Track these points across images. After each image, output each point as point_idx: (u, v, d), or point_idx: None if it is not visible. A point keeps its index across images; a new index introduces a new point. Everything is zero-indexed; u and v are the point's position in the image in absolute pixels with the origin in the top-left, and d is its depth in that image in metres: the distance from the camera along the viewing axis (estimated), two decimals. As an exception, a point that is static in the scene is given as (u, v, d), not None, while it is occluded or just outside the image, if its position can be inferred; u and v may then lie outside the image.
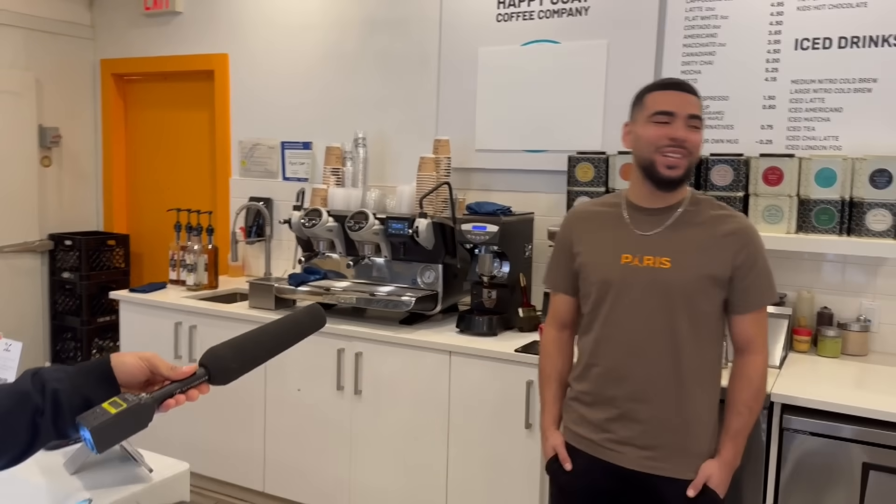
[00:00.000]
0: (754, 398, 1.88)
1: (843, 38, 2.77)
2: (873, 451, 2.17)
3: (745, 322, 1.88)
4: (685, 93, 1.85)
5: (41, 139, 4.48)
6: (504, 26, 3.40)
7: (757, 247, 1.87)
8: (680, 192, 1.91)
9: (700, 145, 1.86)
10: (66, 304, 4.54)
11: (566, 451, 1.98)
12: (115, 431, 0.93)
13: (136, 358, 1.02)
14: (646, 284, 1.84)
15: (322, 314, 1.24)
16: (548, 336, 2.11)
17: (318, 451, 3.19)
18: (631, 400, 1.86)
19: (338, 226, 3.24)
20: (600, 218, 1.98)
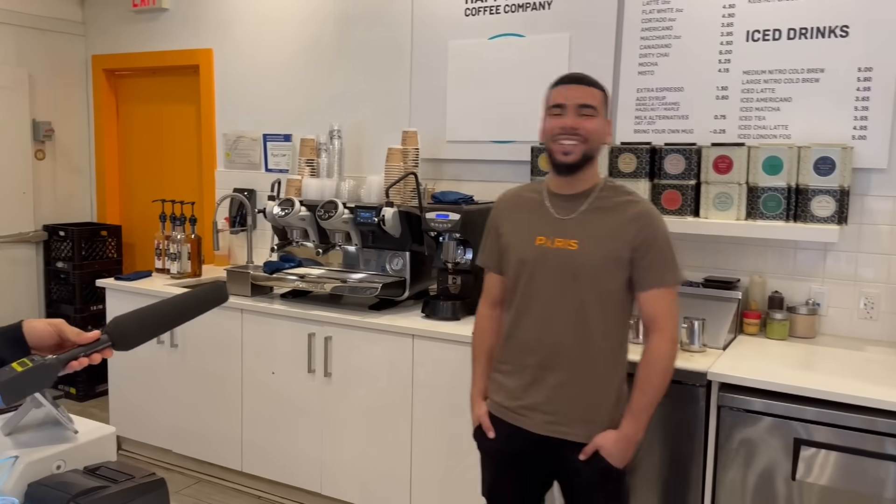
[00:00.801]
0: (656, 377, 1.97)
1: (791, 30, 2.84)
2: (804, 427, 2.27)
3: (647, 300, 1.98)
4: (577, 85, 1.99)
5: (35, 133, 4.63)
6: (472, 20, 3.50)
7: (656, 229, 1.97)
8: (590, 179, 2.03)
9: (596, 131, 1.97)
10: (61, 292, 4.70)
11: (489, 421, 2.11)
12: (20, 386, 1.06)
13: (45, 324, 1.15)
14: (556, 264, 1.98)
15: (224, 291, 1.35)
16: (481, 313, 2.24)
17: (292, 430, 3.32)
18: (540, 368, 2.00)
19: (310, 215, 3.36)
20: (525, 202, 2.12)
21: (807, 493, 2.28)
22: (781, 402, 2.30)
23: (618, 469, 1.99)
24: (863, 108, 2.74)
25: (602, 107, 2.01)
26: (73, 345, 1.16)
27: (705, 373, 2.40)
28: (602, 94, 2.01)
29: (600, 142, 2.01)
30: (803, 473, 2.28)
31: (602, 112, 2.00)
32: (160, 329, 1.24)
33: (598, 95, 1.99)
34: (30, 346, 1.15)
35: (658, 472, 2.51)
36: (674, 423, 2.47)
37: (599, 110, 1.99)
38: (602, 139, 2.01)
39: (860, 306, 2.84)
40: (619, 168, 2.97)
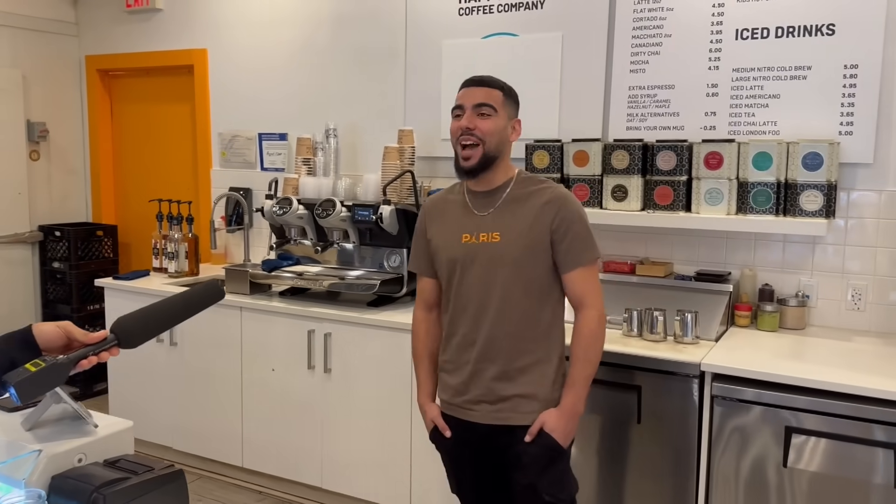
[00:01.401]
0: (587, 348, 2.06)
1: (779, 28, 2.91)
2: (795, 415, 2.34)
3: (571, 280, 2.06)
4: (475, 87, 2.06)
5: (29, 134, 4.65)
6: (466, 20, 3.54)
7: (570, 211, 2.06)
8: (503, 173, 2.10)
9: (493, 131, 2.03)
10: (57, 292, 4.72)
11: (443, 420, 2.18)
12: (35, 386, 1.13)
13: (53, 326, 1.21)
14: (482, 258, 2.06)
15: (220, 289, 1.44)
16: (416, 317, 2.30)
17: (292, 426, 3.36)
18: (479, 361, 2.08)
19: (308, 213, 3.40)
20: (448, 205, 2.19)
21: (797, 479, 2.35)
22: (773, 391, 2.37)
23: (561, 449, 2.06)
24: (849, 104, 2.81)
25: (503, 107, 2.06)
26: (81, 345, 1.22)
27: (699, 364, 2.46)
28: (502, 94, 2.07)
29: (500, 141, 2.06)
30: (794, 460, 2.34)
31: (503, 112, 2.06)
32: (162, 327, 1.32)
33: (496, 95, 2.05)
34: (40, 347, 1.20)
35: (654, 460, 2.58)
36: (668, 413, 2.54)
37: (500, 110, 2.05)
38: (502, 138, 2.06)
39: (848, 298, 2.91)
40: (613, 165, 3.02)
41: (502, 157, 2.09)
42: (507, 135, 2.09)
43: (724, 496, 2.47)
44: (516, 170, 2.16)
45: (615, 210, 3.03)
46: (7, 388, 1.11)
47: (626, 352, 2.60)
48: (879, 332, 2.84)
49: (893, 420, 2.20)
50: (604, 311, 2.11)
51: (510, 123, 2.11)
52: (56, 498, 1.24)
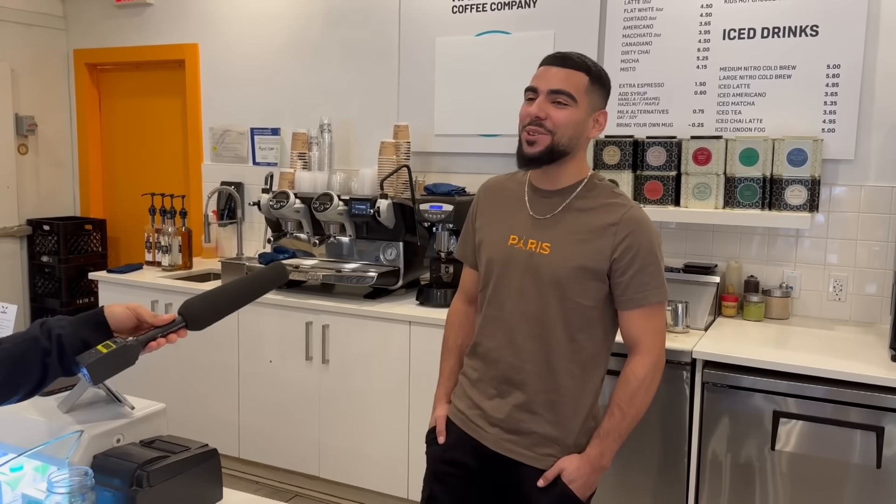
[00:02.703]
0: (628, 401, 1.75)
1: (765, 29, 3.01)
2: (782, 400, 2.44)
3: (629, 320, 1.76)
4: (555, 67, 1.72)
5: (17, 127, 4.63)
6: (459, 17, 3.61)
7: (640, 239, 1.72)
8: (573, 173, 1.78)
9: (566, 124, 1.69)
10: (46, 286, 4.71)
11: (444, 425, 1.93)
12: (107, 367, 1.16)
13: (124, 308, 1.24)
14: (523, 268, 1.77)
15: (285, 270, 1.44)
16: (454, 308, 2.05)
17: (290, 417, 3.41)
18: (504, 382, 1.81)
19: (304, 207, 3.45)
20: (505, 195, 1.89)
21: (786, 461, 2.45)
22: (759, 377, 2.47)
23: (577, 499, 1.77)
24: (832, 102, 2.92)
25: (587, 95, 1.70)
26: (150, 326, 1.25)
27: (690, 351, 2.56)
28: (588, 78, 1.71)
29: (575, 135, 1.72)
30: (782, 443, 2.45)
31: (585, 101, 1.71)
32: (228, 309, 1.32)
33: (580, 81, 1.69)
34: (111, 328, 1.23)
35: (646, 445, 2.67)
36: (660, 400, 2.63)
37: (581, 98, 1.69)
38: (577, 132, 1.72)
39: (829, 289, 3.03)
40: (604, 160, 3.12)
41: (574, 153, 1.75)
42: (585, 129, 1.73)
43: (715, 479, 2.57)
44: (589, 172, 1.81)
45: (607, 204, 3.12)
46: (80, 368, 1.15)
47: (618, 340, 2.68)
48: (859, 322, 2.97)
49: (873, 403, 2.31)
50: (662, 360, 1.79)
51: (593, 116, 1.74)
52: (99, 476, 1.30)
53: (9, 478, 1.46)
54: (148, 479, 1.29)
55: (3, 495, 1.45)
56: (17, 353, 1.16)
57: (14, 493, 1.46)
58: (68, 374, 1.21)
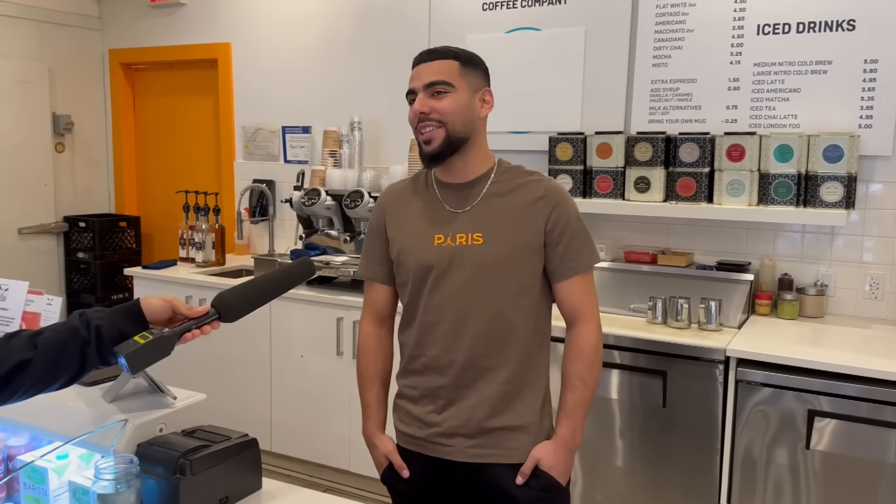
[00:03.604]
0: (587, 369, 1.71)
1: (800, 24, 2.98)
2: (816, 399, 2.42)
3: (568, 289, 1.73)
4: (424, 63, 1.69)
5: (55, 126, 4.73)
6: (489, 15, 3.62)
7: (567, 208, 1.72)
8: (481, 162, 1.73)
9: (453, 110, 1.65)
10: (81, 282, 4.81)
11: (399, 457, 1.79)
12: (144, 357, 1.19)
13: (160, 300, 1.27)
14: (461, 264, 1.69)
15: (312, 265, 1.48)
16: (365, 332, 1.88)
17: (320, 411, 3.45)
18: (456, 387, 1.71)
19: (335, 204, 3.48)
20: (412, 199, 1.80)
21: (820, 461, 2.43)
22: (794, 375, 2.45)
23: (561, 488, 1.72)
24: (868, 98, 2.88)
25: (463, 78, 1.67)
26: (185, 318, 1.28)
27: (724, 349, 2.54)
28: (458, 63, 1.68)
29: (467, 119, 1.67)
30: (817, 442, 2.43)
31: (464, 84, 1.67)
32: (259, 302, 1.36)
33: (451, 67, 1.67)
34: (147, 320, 1.26)
35: (678, 443, 2.66)
36: (693, 398, 2.62)
37: (458, 83, 1.66)
38: (468, 115, 1.68)
39: (866, 287, 2.98)
40: (636, 157, 3.10)
41: (474, 138, 1.70)
42: (474, 110, 1.69)
43: (748, 478, 2.55)
44: (496, 159, 1.78)
45: (637, 201, 3.11)
46: (118, 358, 1.18)
47: (651, 338, 2.68)
48: (896, 321, 2.93)
49: (912, 403, 2.28)
50: (601, 325, 1.76)
51: (477, 96, 1.71)
52: (143, 464, 1.33)
53: (55, 465, 1.50)
54: (191, 468, 1.32)
55: (49, 482, 1.49)
56: (58, 343, 1.19)
57: (60, 481, 1.50)
58: (106, 364, 1.24)
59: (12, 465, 1.59)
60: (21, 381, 1.16)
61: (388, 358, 1.88)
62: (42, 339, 1.20)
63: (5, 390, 1.15)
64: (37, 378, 1.17)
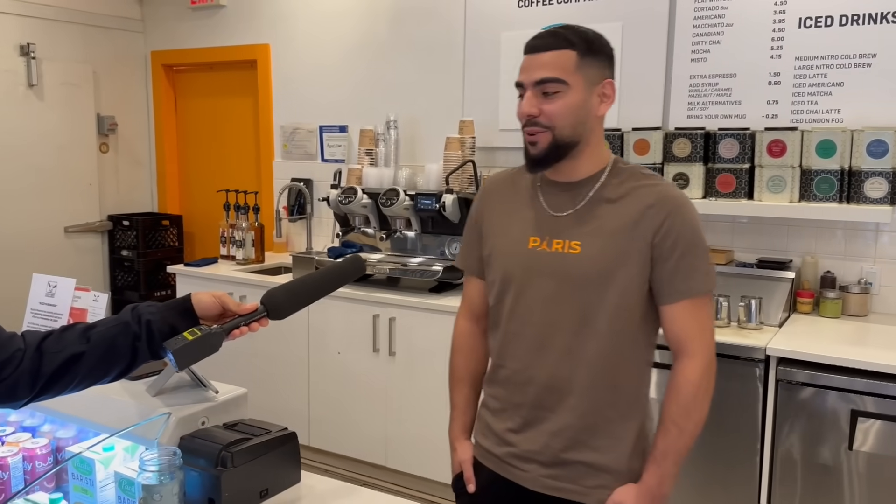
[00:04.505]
0: (683, 413, 1.50)
1: (843, 16, 2.92)
2: (860, 399, 2.37)
3: (673, 315, 1.50)
4: (536, 53, 1.49)
5: (99, 127, 4.84)
6: (525, 12, 3.61)
7: (684, 219, 1.48)
8: (592, 161, 1.54)
9: (562, 113, 1.46)
10: (126, 279, 4.92)
11: (472, 470, 1.67)
12: (191, 353, 1.21)
13: (210, 296, 1.29)
14: (552, 273, 1.52)
15: (362, 263, 1.45)
16: (459, 329, 1.77)
17: (357, 407, 3.49)
18: (536, 408, 1.55)
19: (372, 202, 3.51)
20: (515, 191, 1.64)
21: (864, 462, 2.38)
22: (837, 374, 2.40)
23: None
24: (915, 91, 2.81)
25: (578, 72, 1.46)
26: (234, 315, 1.29)
27: (764, 348, 2.50)
28: (576, 54, 1.46)
29: (579, 121, 1.48)
30: (860, 443, 2.38)
31: (579, 79, 1.46)
32: (309, 299, 1.35)
33: (566, 59, 1.46)
34: (198, 315, 1.29)
35: (718, 443, 2.63)
36: (732, 397, 2.59)
37: (573, 79, 1.46)
38: (580, 117, 1.48)
39: (912, 285, 2.92)
40: (674, 153, 3.07)
41: (587, 139, 1.51)
42: (589, 110, 1.49)
43: (788, 478, 2.51)
44: (611, 157, 1.57)
45: (676, 198, 3.07)
46: (166, 353, 1.21)
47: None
48: (944, 319, 2.85)
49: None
50: (714, 361, 1.53)
51: (595, 90, 1.49)
52: (186, 456, 1.36)
53: (101, 457, 1.55)
54: (232, 460, 1.35)
55: (96, 473, 1.54)
56: (110, 337, 1.23)
57: (107, 472, 1.55)
58: (156, 358, 1.27)
59: (61, 456, 1.64)
60: (74, 373, 1.20)
61: (482, 358, 1.73)
62: (95, 332, 1.23)
63: (59, 382, 1.19)
64: (89, 371, 1.21)
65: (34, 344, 1.19)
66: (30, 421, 1.76)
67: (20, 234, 4.42)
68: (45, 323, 1.72)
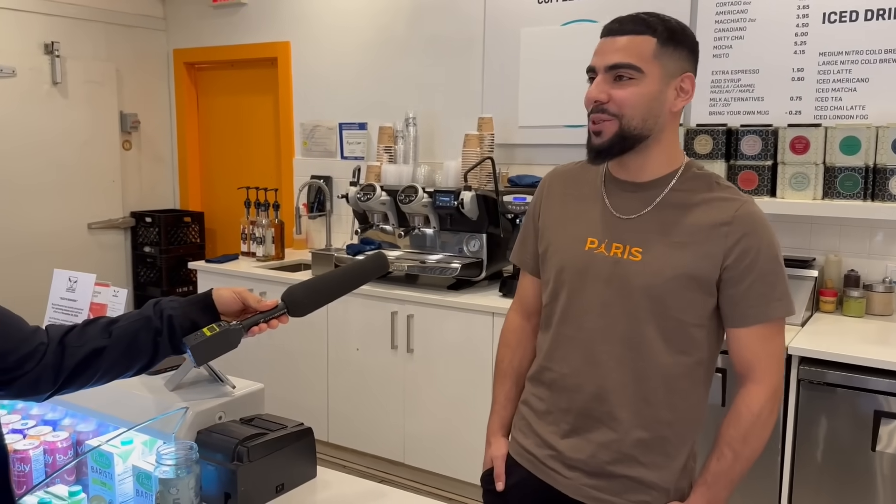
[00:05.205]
0: (741, 439, 1.42)
1: (868, 11, 2.87)
2: (884, 399, 2.33)
3: (742, 339, 1.43)
4: (613, 36, 1.42)
5: (122, 124, 4.90)
6: (545, 8, 3.59)
7: (760, 241, 1.39)
8: (664, 161, 1.45)
9: (633, 102, 1.38)
10: (148, 275, 4.97)
11: (503, 467, 1.62)
12: (209, 349, 1.22)
13: (230, 292, 1.30)
14: (608, 279, 1.44)
15: (385, 260, 1.42)
16: (510, 323, 1.72)
17: (375, 404, 3.49)
18: (584, 416, 1.48)
19: (390, 199, 3.51)
20: (579, 187, 1.55)
21: (888, 463, 2.34)
22: (860, 374, 2.37)
23: None
24: (943, 87, 2.76)
25: (655, 60, 1.37)
26: (254, 311, 1.29)
27: (785, 347, 2.47)
28: (656, 41, 1.38)
29: (650, 113, 1.39)
30: (884, 444, 2.34)
31: (657, 68, 1.37)
32: (330, 297, 1.34)
33: (645, 46, 1.37)
34: (219, 311, 1.29)
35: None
36: (753, 396, 2.56)
37: (649, 68, 1.37)
38: (653, 109, 1.39)
39: (938, 284, 2.87)
40: (696, 150, 3.04)
41: (658, 134, 1.41)
42: (663, 103, 1.40)
43: (810, 480, 2.48)
44: (685, 159, 1.47)
45: (697, 195, 3.05)
46: (185, 349, 1.22)
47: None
48: (972, 319, 2.80)
49: None
50: (782, 389, 1.47)
51: (673, 83, 1.40)
52: (203, 450, 1.37)
53: (120, 450, 1.57)
54: (248, 455, 1.35)
55: (115, 466, 1.56)
56: (131, 332, 1.24)
57: (125, 465, 1.56)
58: (178, 353, 1.28)
59: (81, 449, 1.66)
60: (96, 367, 1.21)
61: (529, 355, 1.65)
62: (117, 327, 1.24)
63: (81, 376, 1.20)
64: (111, 365, 1.22)
65: (57, 338, 1.20)
66: (51, 414, 1.79)
67: (44, 231, 4.49)
68: (65, 318, 1.75)
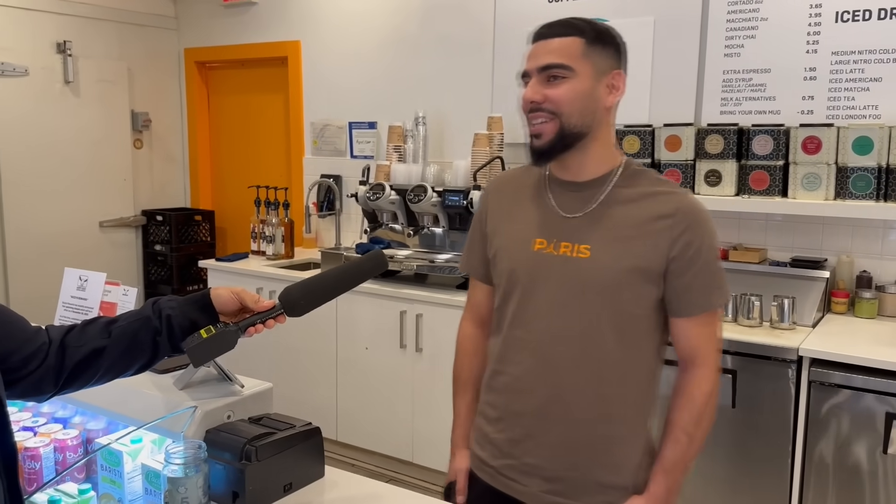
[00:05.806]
0: (695, 423, 1.45)
1: (882, 10, 2.84)
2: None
3: (686, 328, 1.46)
4: (543, 40, 1.45)
5: (133, 123, 4.92)
6: (555, 7, 3.58)
7: (702, 233, 1.43)
8: (603, 160, 1.48)
9: (568, 98, 1.40)
10: (159, 273, 5.00)
11: (465, 481, 1.62)
12: (206, 351, 1.22)
13: (228, 291, 1.30)
14: (560, 277, 1.45)
15: (384, 259, 1.41)
16: (464, 332, 1.72)
17: (384, 403, 3.50)
18: (538, 418, 1.47)
19: (399, 199, 3.52)
20: (522, 190, 1.56)
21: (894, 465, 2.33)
22: (872, 376, 2.35)
23: None
24: (957, 86, 2.73)
25: (586, 59, 1.40)
26: (252, 311, 1.29)
27: (796, 349, 2.46)
28: (583, 41, 1.41)
29: (587, 108, 1.42)
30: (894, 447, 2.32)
31: (587, 66, 1.40)
32: (327, 297, 1.33)
33: (573, 46, 1.41)
34: (217, 310, 1.29)
35: (749, 445, 2.59)
36: (764, 398, 2.54)
37: (579, 66, 1.40)
38: (588, 105, 1.41)
39: (952, 286, 2.84)
40: (707, 150, 3.02)
41: (595, 132, 1.44)
42: (597, 99, 1.42)
43: (820, 482, 2.46)
44: (622, 157, 1.51)
45: (708, 195, 3.03)
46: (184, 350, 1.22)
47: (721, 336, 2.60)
48: None
49: None
50: (720, 371, 1.53)
51: (604, 80, 1.43)
52: (211, 449, 1.37)
53: (129, 449, 1.57)
54: (256, 454, 1.36)
55: (124, 465, 1.56)
56: (131, 332, 1.24)
57: (134, 463, 1.57)
58: (177, 353, 1.28)
59: (90, 447, 1.67)
60: (96, 367, 1.22)
61: (484, 363, 1.64)
62: (117, 327, 1.25)
63: (82, 376, 1.21)
64: (111, 365, 1.23)
65: (57, 339, 1.21)
66: (61, 412, 1.80)
67: (56, 229, 4.51)
68: (75, 316, 1.76)
